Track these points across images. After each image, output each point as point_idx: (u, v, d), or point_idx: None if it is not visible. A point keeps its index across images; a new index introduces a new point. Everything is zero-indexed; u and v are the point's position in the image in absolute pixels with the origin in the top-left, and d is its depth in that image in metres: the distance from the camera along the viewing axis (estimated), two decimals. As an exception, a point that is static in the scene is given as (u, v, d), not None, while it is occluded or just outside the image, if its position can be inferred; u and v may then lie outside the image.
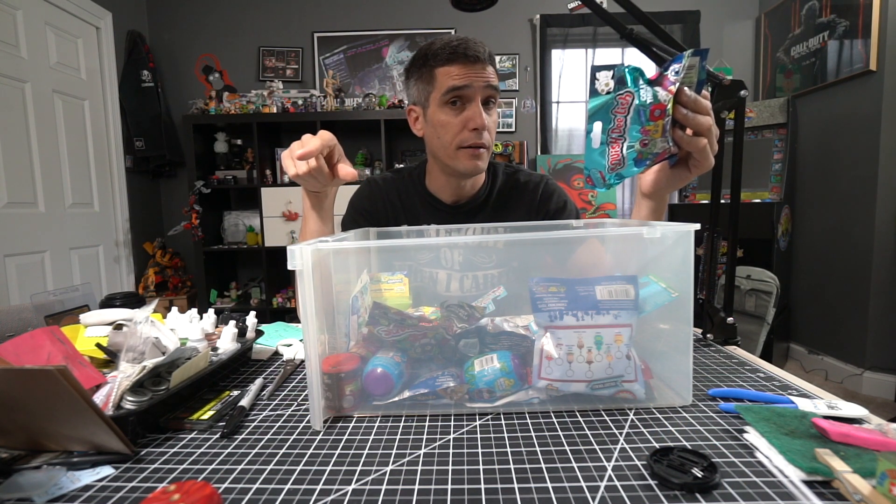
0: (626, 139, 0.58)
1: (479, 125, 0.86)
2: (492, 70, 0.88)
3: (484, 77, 0.86)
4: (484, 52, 0.86)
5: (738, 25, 3.12)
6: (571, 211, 1.01)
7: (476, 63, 0.85)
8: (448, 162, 0.91)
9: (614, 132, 0.58)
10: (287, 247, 0.48)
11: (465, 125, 0.87)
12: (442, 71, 0.87)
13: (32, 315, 0.74)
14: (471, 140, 0.87)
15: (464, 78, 0.85)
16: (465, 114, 0.87)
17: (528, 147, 3.16)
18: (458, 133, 0.88)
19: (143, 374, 0.52)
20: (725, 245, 0.74)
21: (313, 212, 0.81)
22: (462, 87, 0.85)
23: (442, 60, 0.86)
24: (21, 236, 2.24)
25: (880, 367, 2.28)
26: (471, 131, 0.87)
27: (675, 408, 0.51)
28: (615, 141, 0.58)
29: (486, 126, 0.87)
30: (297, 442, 0.47)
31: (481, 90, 0.86)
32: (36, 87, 2.34)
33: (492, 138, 0.91)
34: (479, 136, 0.87)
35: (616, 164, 0.58)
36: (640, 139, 0.57)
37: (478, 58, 0.85)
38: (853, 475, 0.35)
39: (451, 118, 0.88)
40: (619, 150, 0.58)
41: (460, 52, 0.85)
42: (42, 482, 0.39)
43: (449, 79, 0.86)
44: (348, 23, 3.17)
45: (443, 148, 0.91)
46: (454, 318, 0.58)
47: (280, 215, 2.91)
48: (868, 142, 2.28)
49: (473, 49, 0.85)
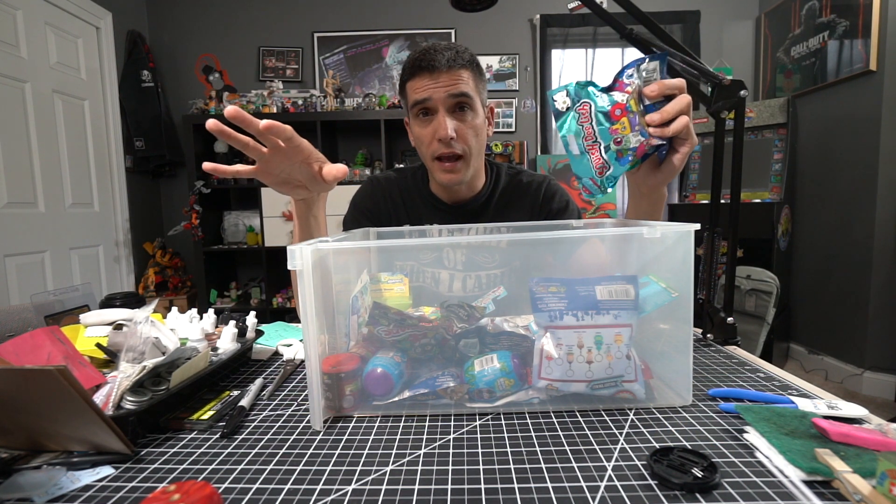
0: (601, 142, 0.61)
1: (442, 136, 0.86)
2: (464, 74, 0.86)
3: (444, 87, 0.85)
4: (443, 60, 0.84)
5: (738, 25, 3.12)
6: (573, 211, 1.01)
7: (435, 72, 0.85)
8: (431, 173, 0.94)
9: (587, 140, 0.62)
10: (287, 247, 0.48)
11: (434, 136, 0.88)
12: (409, 85, 0.88)
13: (32, 315, 0.74)
14: (439, 151, 0.88)
15: (424, 90, 0.86)
16: (432, 125, 0.88)
17: (528, 147, 3.16)
18: (429, 144, 0.89)
19: (143, 374, 0.52)
20: (725, 245, 0.74)
21: (301, 221, 0.77)
22: (423, 100, 0.86)
23: (408, 74, 0.88)
24: (21, 236, 2.24)
25: (880, 367, 2.28)
26: (438, 142, 0.87)
27: (675, 408, 0.51)
28: (592, 147, 0.62)
29: (450, 135, 0.86)
30: (297, 442, 0.47)
31: (443, 100, 0.85)
32: (36, 87, 2.34)
33: (470, 143, 0.89)
34: (447, 146, 0.87)
35: (602, 167, 0.62)
36: (612, 139, 0.61)
37: (435, 67, 0.84)
38: (853, 475, 0.35)
39: (422, 130, 0.90)
40: (598, 154, 0.62)
41: (419, 64, 0.86)
42: (42, 482, 0.39)
43: (413, 93, 0.87)
44: (348, 23, 3.17)
45: (424, 159, 0.93)
46: (454, 318, 0.58)
47: (280, 215, 2.91)
48: (868, 142, 2.28)
49: (431, 59, 0.84)
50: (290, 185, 0.69)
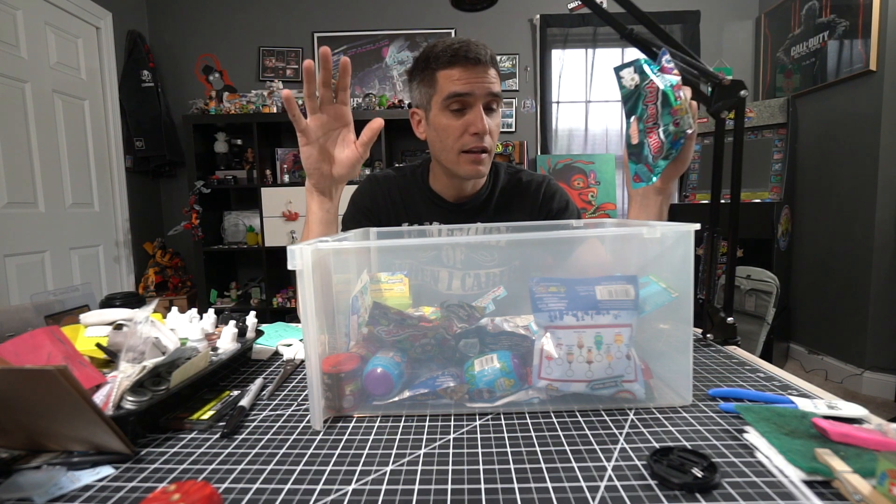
0: (660, 124, 0.61)
1: (480, 130, 0.85)
2: (494, 73, 0.87)
3: (486, 82, 0.85)
4: (486, 55, 0.85)
5: (738, 25, 3.12)
6: (573, 211, 1.02)
7: (478, 66, 0.84)
8: (450, 166, 0.91)
9: (649, 121, 0.62)
10: (287, 247, 0.48)
11: (467, 129, 0.86)
12: (443, 74, 0.86)
13: (32, 315, 0.74)
14: (472, 144, 0.87)
15: (465, 84, 0.84)
16: (466, 118, 0.86)
17: (528, 147, 3.16)
18: (459, 137, 0.88)
19: (143, 374, 0.52)
20: (725, 245, 0.74)
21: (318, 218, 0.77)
22: (463, 94, 0.85)
23: (443, 63, 0.85)
24: (21, 236, 2.24)
25: (880, 367, 2.28)
26: (472, 136, 0.86)
27: (675, 408, 0.51)
28: (651, 130, 0.62)
29: (487, 130, 0.86)
30: (297, 442, 0.47)
31: (483, 97, 0.85)
32: (36, 87, 2.34)
33: (494, 141, 0.90)
34: (480, 140, 0.87)
35: (658, 151, 0.62)
36: (672, 120, 0.61)
37: (479, 60, 0.84)
38: (853, 475, 0.35)
39: (452, 122, 0.87)
40: (656, 136, 0.62)
41: (461, 54, 0.83)
42: (42, 482, 0.39)
43: (450, 83, 0.85)
44: (348, 23, 3.17)
45: (445, 152, 0.90)
46: (454, 318, 0.58)
47: (280, 215, 2.90)
48: (868, 142, 2.28)
49: (475, 51, 0.84)
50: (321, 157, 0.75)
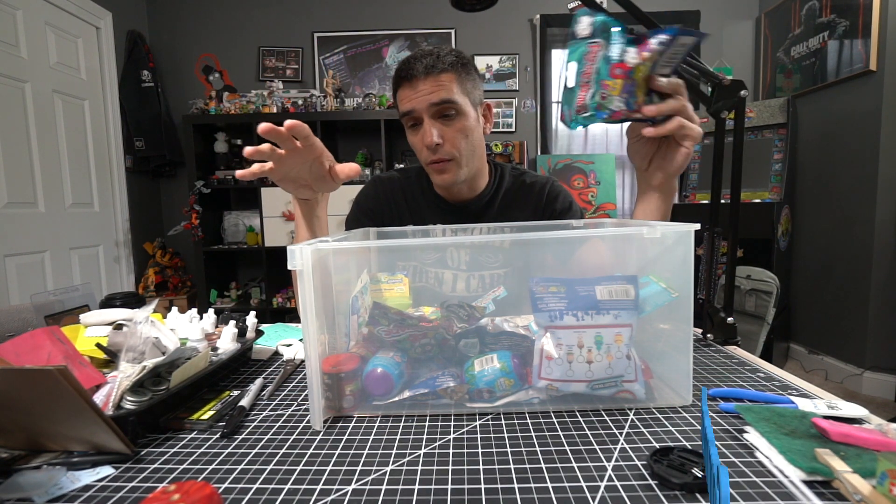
0: (592, 87, 0.61)
1: (427, 143, 0.87)
2: (444, 79, 0.84)
3: (424, 95, 0.85)
4: (420, 68, 0.84)
5: (738, 25, 3.12)
6: (576, 212, 1.02)
7: (416, 81, 0.85)
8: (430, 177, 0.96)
9: (584, 76, 0.61)
10: (287, 247, 0.48)
11: (423, 144, 0.89)
12: (399, 95, 0.90)
13: (32, 315, 0.74)
14: (429, 157, 0.90)
15: (408, 102, 0.87)
16: (419, 134, 0.90)
17: (528, 147, 3.16)
18: (421, 151, 0.92)
19: (143, 374, 0.52)
20: (725, 245, 0.74)
21: (304, 220, 0.78)
22: (408, 112, 0.88)
23: (396, 84, 0.90)
24: (21, 236, 2.24)
25: (880, 367, 2.28)
26: (427, 149, 0.89)
27: (675, 408, 0.51)
28: (584, 85, 0.62)
29: (435, 142, 0.86)
30: (297, 442, 0.47)
31: (426, 109, 0.86)
32: (36, 87, 2.34)
33: (459, 146, 0.89)
34: (434, 153, 0.88)
35: (581, 109, 0.62)
36: (600, 91, 0.60)
37: (413, 76, 0.85)
38: (853, 475, 0.35)
39: (413, 138, 0.92)
40: (584, 94, 0.62)
41: (401, 75, 0.87)
42: (42, 482, 0.39)
43: (402, 103, 0.89)
44: (348, 23, 3.17)
45: (421, 164, 0.96)
46: (454, 318, 0.58)
47: (280, 215, 2.91)
48: (868, 142, 2.28)
49: (409, 69, 0.85)
50: (296, 184, 0.70)
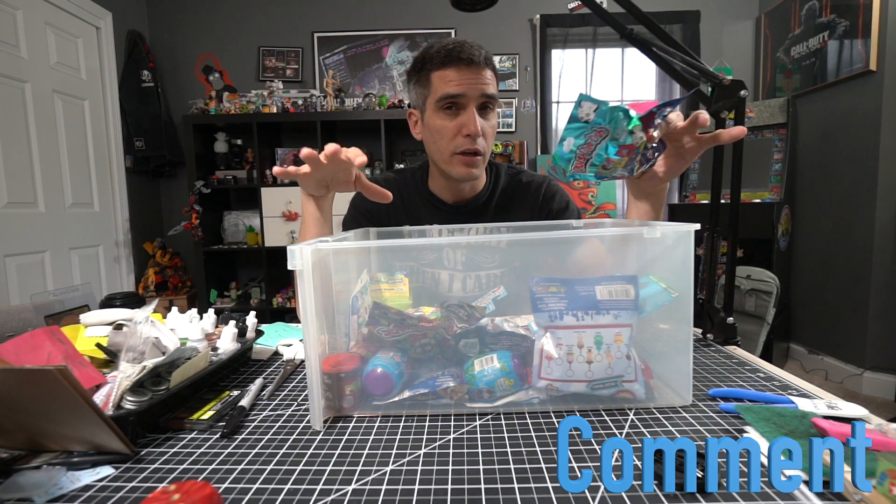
0: (591, 159, 0.63)
1: (472, 132, 0.85)
2: (489, 74, 0.86)
3: (479, 83, 0.84)
4: (480, 56, 0.84)
5: (738, 25, 3.12)
6: (573, 211, 1.01)
7: (471, 66, 0.84)
8: (443, 167, 0.92)
9: (583, 149, 0.63)
10: (287, 247, 0.48)
11: (460, 131, 0.87)
12: (437, 75, 0.86)
13: (32, 315, 0.74)
14: (465, 146, 0.87)
15: (458, 85, 0.84)
16: (459, 119, 0.86)
17: (528, 147, 3.16)
18: (452, 138, 0.88)
19: (143, 374, 0.52)
20: (725, 245, 0.74)
21: (314, 217, 0.79)
22: (456, 94, 0.85)
23: (437, 64, 0.85)
24: (21, 236, 2.24)
25: (880, 367, 2.27)
26: (465, 137, 0.86)
27: (675, 408, 0.51)
28: (581, 157, 0.63)
29: (479, 132, 0.86)
30: (297, 442, 0.47)
31: (476, 98, 0.85)
32: (36, 87, 2.34)
33: (488, 143, 0.90)
34: (472, 142, 0.87)
35: (577, 171, 0.65)
36: (602, 164, 0.63)
37: (472, 61, 0.84)
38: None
39: (446, 123, 0.87)
40: (582, 164, 0.64)
41: (454, 55, 0.84)
42: (42, 482, 0.39)
43: (444, 84, 0.85)
44: (348, 23, 3.17)
45: (438, 153, 0.91)
46: (454, 318, 0.58)
47: (280, 215, 2.90)
48: (868, 142, 2.28)
49: (468, 52, 0.83)
50: (318, 184, 0.75)
